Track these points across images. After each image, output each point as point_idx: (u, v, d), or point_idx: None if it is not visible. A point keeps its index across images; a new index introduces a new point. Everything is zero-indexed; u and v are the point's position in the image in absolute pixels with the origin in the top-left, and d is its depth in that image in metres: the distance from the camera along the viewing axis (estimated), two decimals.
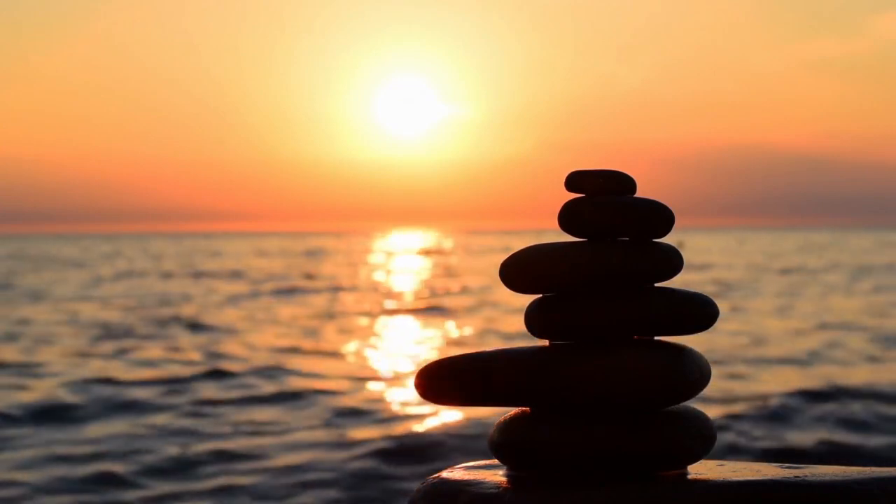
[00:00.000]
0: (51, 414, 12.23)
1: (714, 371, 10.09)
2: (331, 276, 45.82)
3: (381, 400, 13.11)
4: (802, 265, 50.39)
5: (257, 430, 11.29)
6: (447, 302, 29.94)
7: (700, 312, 2.12)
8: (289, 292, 34.62)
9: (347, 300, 31.63)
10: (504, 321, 23.77)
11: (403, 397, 13.22)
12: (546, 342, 2.17)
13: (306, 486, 8.99)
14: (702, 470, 2.13)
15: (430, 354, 17.62)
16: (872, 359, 16.75)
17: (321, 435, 10.97)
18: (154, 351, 18.18)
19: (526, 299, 2.21)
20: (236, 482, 9.10)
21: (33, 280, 42.42)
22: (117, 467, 9.54)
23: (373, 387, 14.18)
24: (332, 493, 8.80)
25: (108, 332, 21.47)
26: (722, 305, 20.91)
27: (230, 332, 21.52)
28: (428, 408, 11.82)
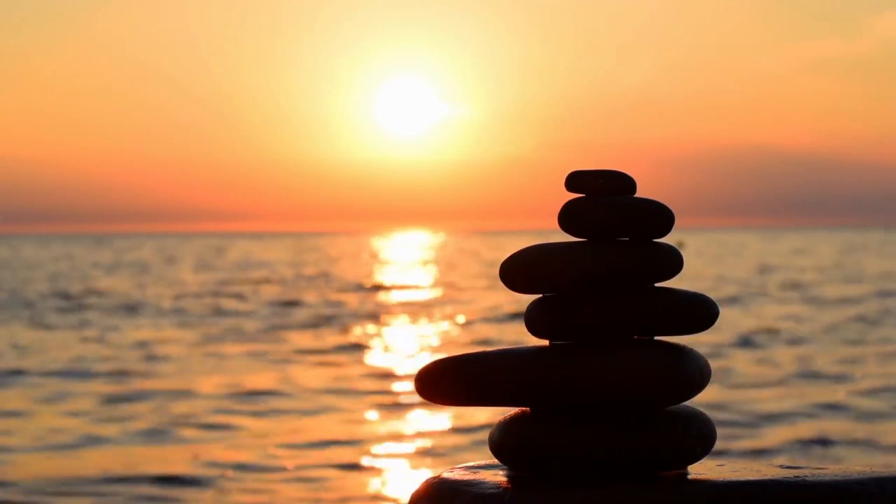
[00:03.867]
0: None
1: None
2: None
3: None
4: None
5: None
6: None
7: (700, 313, 2.12)
8: None
9: None
10: None
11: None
12: (546, 342, 2.17)
13: None
14: (702, 470, 2.13)
15: None
16: None
17: None
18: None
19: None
20: None
21: None
22: None
23: None
24: None
25: None
26: None
27: None
28: (429, 407, 11.80)
